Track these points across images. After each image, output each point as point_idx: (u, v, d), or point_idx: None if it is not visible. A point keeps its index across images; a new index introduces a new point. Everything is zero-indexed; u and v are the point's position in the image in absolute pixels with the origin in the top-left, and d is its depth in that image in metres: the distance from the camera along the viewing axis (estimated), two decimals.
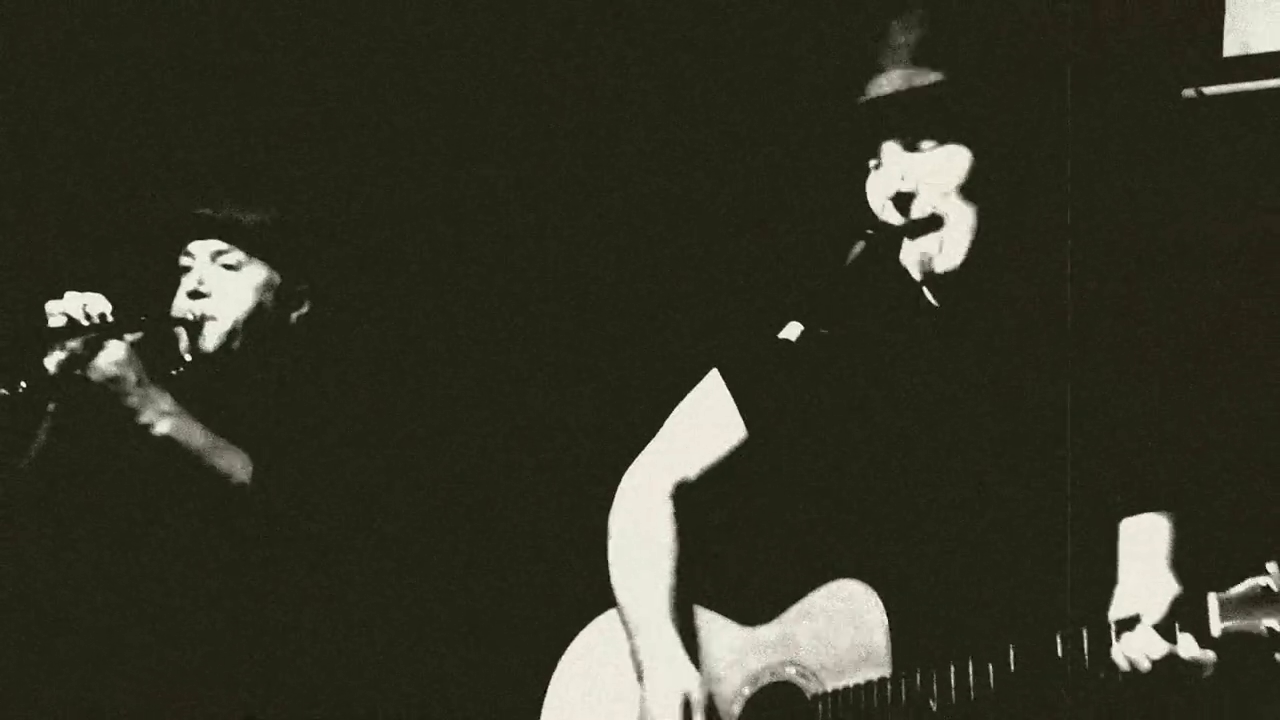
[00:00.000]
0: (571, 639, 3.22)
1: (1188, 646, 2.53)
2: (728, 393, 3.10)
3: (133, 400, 3.69)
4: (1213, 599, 2.51)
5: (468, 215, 4.41)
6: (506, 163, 4.36)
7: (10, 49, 4.49)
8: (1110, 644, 2.58)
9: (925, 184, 2.86)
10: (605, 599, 3.15)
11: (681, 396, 3.18)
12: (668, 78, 4.22)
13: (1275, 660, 2.48)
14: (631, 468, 3.20)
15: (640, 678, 3.04)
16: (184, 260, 3.89)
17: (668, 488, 3.13)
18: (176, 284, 3.89)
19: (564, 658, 3.22)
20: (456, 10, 4.40)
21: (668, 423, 3.18)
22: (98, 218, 4.40)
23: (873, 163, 2.92)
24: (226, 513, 3.69)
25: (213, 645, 3.68)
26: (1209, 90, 3.66)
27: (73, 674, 3.72)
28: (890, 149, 2.89)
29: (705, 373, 3.16)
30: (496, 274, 4.38)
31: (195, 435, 3.70)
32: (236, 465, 3.70)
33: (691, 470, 3.12)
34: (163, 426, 3.69)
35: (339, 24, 4.47)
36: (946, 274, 2.88)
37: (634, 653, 3.06)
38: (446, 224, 4.42)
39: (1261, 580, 2.49)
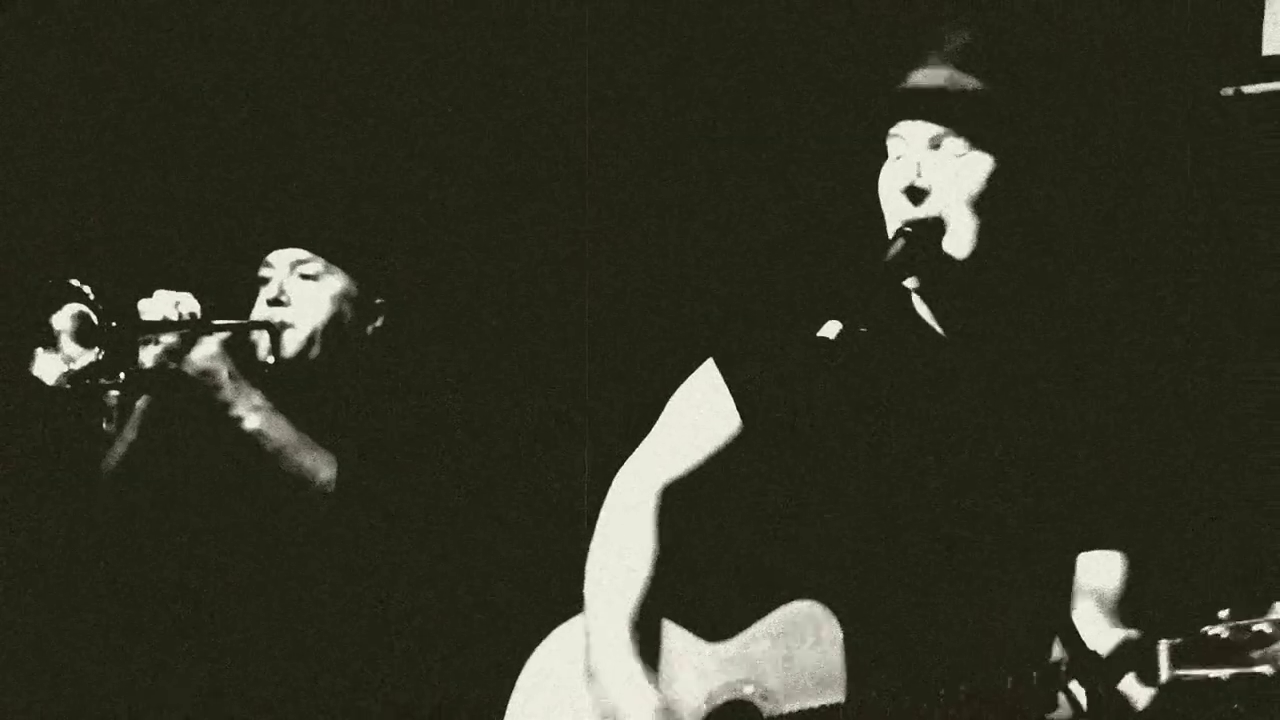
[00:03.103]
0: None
1: (1132, 688, 2.55)
2: (723, 382, 3.09)
3: (225, 394, 3.81)
4: (1163, 645, 2.53)
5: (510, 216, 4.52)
6: (551, 168, 4.44)
7: (100, 61, 4.67)
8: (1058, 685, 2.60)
9: (940, 185, 2.86)
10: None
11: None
12: (675, 67, 4.26)
13: (1227, 710, 2.49)
14: (625, 465, 3.18)
15: (593, 682, 3.05)
16: (263, 270, 3.98)
17: (656, 487, 3.12)
18: (255, 293, 3.98)
19: (531, 659, 3.27)
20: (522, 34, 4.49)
21: (661, 418, 3.17)
22: (185, 223, 4.55)
23: (893, 152, 2.91)
24: (310, 512, 3.80)
25: (291, 642, 3.81)
26: (1248, 89, 3.62)
27: (148, 668, 3.88)
28: (915, 143, 2.88)
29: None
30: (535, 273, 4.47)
31: (284, 431, 3.81)
32: (322, 465, 3.80)
33: (680, 468, 3.11)
34: (253, 421, 3.80)
35: (424, 49, 4.58)
36: (944, 284, 2.89)
37: (589, 658, 3.08)
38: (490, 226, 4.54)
39: (1212, 629, 2.50)
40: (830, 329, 2.75)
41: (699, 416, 3.11)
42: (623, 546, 3.12)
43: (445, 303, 4.50)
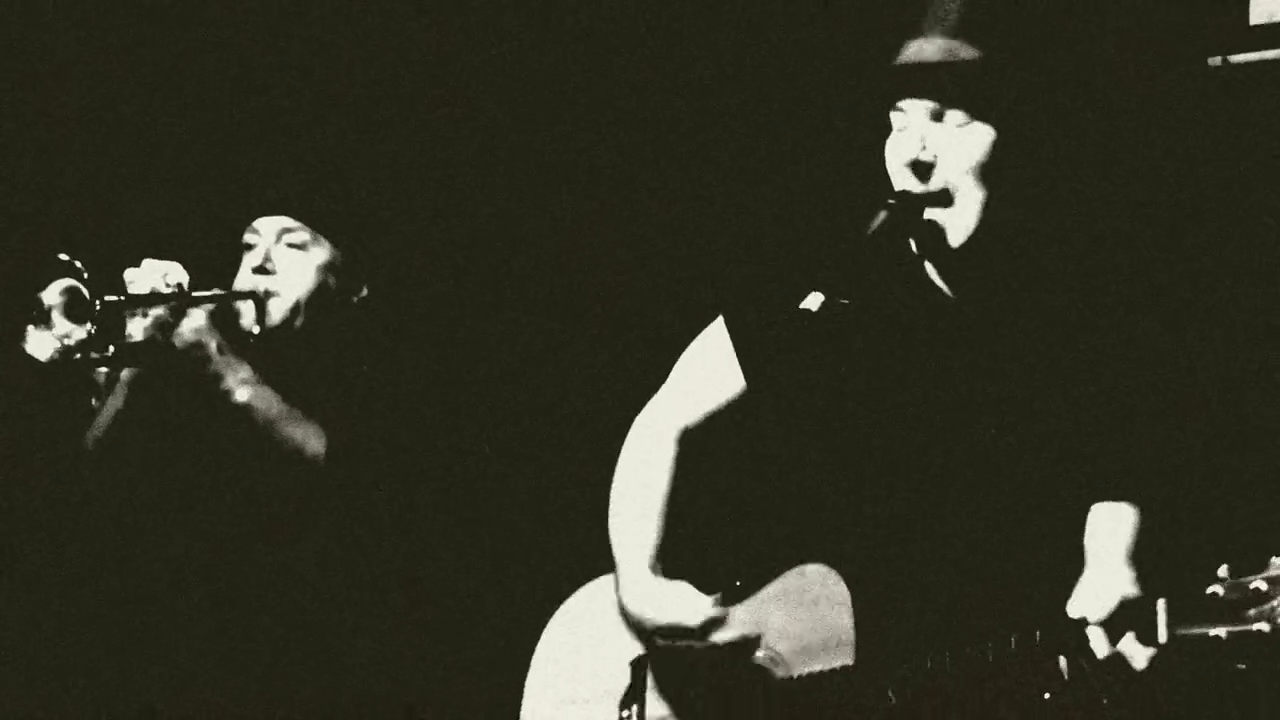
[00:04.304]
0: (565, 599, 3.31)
1: (1133, 649, 2.58)
2: (730, 342, 3.15)
3: (214, 367, 3.80)
4: (1161, 605, 2.56)
5: (504, 191, 4.51)
6: (537, 136, 4.44)
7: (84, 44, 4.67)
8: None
9: (945, 156, 2.89)
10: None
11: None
12: (683, 37, 4.27)
13: (1223, 667, 2.52)
14: (642, 411, 3.26)
15: (625, 620, 3.10)
16: (248, 237, 3.95)
17: (673, 432, 3.20)
18: (238, 260, 3.95)
19: (555, 616, 3.30)
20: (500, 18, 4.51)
21: (674, 370, 3.24)
22: (168, 192, 4.56)
23: (896, 124, 2.94)
24: (298, 484, 3.79)
25: (282, 617, 3.79)
26: (1235, 58, 3.64)
27: (139, 643, 3.87)
28: (916, 115, 2.91)
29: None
30: (530, 231, 4.48)
31: (273, 404, 3.80)
32: (311, 437, 3.79)
33: (694, 416, 3.19)
34: (242, 394, 3.78)
35: (414, 22, 4.58)
36: (948, 253, 2.91)
37: (619, 594, 3.13)
38: (488, 202, 4.55)
39: (1211, 588, 2.52)
40: (812, 301, 2.82)
41: (708, 372, 3.18)
42: (643, 484, 3.18)
43: (431, 273, 4.50)
